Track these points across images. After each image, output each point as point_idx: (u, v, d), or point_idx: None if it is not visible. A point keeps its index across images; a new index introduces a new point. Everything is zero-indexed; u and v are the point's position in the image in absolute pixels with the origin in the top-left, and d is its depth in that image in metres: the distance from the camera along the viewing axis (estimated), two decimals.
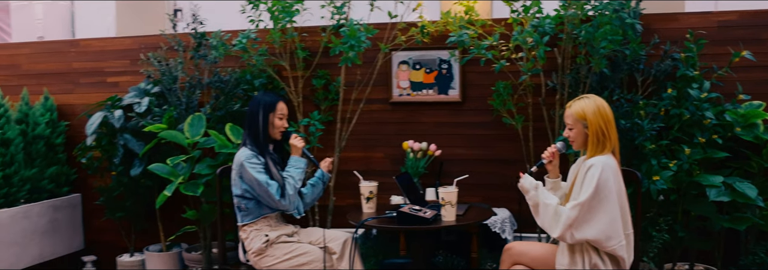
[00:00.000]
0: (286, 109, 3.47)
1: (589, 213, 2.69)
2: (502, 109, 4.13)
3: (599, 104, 2.83)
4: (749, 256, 3.77)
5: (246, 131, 3.43)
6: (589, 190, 2.68)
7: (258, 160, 3.28)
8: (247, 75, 4.34)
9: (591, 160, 2.78)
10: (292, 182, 3.34)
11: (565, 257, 2.83)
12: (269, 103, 3.40)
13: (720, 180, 3.50)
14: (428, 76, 4.35)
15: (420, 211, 3.23)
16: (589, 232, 2.69)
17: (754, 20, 3.96)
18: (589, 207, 2.68)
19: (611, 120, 2.82)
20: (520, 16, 3.91)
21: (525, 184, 2.92)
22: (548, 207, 2.80)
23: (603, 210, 2.69)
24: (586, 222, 2.69)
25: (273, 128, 3.40)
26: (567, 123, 2.92)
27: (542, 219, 2.84)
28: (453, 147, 4.33)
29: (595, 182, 2.68)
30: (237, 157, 3.33)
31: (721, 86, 3.82)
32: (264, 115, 3.37)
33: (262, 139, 3.36)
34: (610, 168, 2.73)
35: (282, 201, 3.29)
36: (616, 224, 2.71)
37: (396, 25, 4.22)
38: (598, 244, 2.71)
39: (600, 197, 2.68)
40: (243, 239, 3.41)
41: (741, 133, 3.63)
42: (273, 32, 4.17)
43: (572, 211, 2.70)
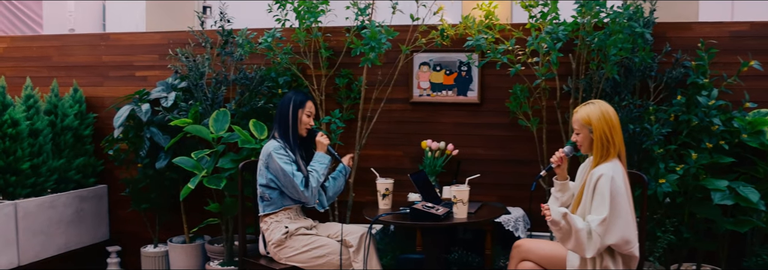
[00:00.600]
0: (314, 107, 3.84)
1: (611, 223, 2.92)
2: (518, 112, 4.45)
3: (604, 110, 3.08)
4: (753, 258, 4.06)
5: (275, 125, 3.79)
6: (605, 202, 2.91)
7: (285, 152, 3.63)
8: (272, 73, 4.67)
9: (598, 169, 3.02)
10: (315, 176, 3.67)
11: (576, 258, 3.08)
12: (299, 100, 3.78)
13: (725, 184, 3.80)
14: (448, 78, 4.67)
15: (432, 208, 3.55)
16: (611, 239, 2.92)
17: (765, 31, 4.25)
18: (610, 218, 2.91)
19: (616, 125, 3.08)
20: (537, 22, 4.22)
21: (555, 217, 2.98)
22: (581, 231, 2.94)
23: (619, 216, 2.93)
24: (608, 232, 2.93)
25: (301, 124, 3.76)
26: (574, 128, 3.20)
27: (575, 244, 2.97)
28: (470, 147, 4.65)
29: (608, 195, 2.91)
30: (265, 147, 3.67)
31: (729, 94, 4.13)
32: (294, 111, 3.73)
33: (291, 135, 3.71)
34: (619, 176, 2.98)
35: (305, 192, 3.62)
36: (632, 227, 2.96)
37: (417, 27, 4.54)
38: (618, 248, 2.95)
39: (615, 207, 2.93)
40: (263, 231, 3.74)
41: (747, 139, 3.92)
42: (298, 31, 4.51)
43: (600, 227, 2.91)
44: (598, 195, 2.96)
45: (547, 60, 4.06)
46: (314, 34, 4.57)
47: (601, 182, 2.95)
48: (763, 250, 4.08)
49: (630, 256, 3.01)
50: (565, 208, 3.02)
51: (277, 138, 3.73)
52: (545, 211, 3.00)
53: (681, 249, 4.17)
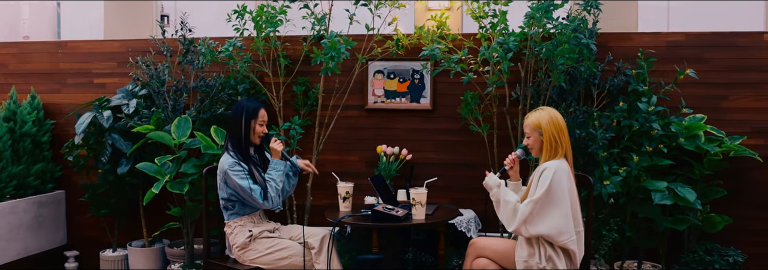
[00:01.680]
0: (266, 115, 3.81)
1: (543, 210, 3.12)
2: (469, 118, 4.55)
3: (552, 115, 3.27)
4: (690, 254, 4.24)
5: (228, 135, 3.77)
6: (542, 189, 3.12)
7: (241, 166, 3.61)
8: (231, 80, 4.69)
9: (545, 163, 3.22)
10: (273, 184, 3.69)
11: (523, 250, 3.25)
12: (252, 109, 3.73)
13: (664, 185, 3.96)
14: (402, 85, 4.76)
15: (392, 210, 3.63)
16: (542, 228, 3.12)
17: (699, 41, 4.45)
18: (542, 204, 3.11)
19: (563, 129, 3.26)
20: (487, 32, 4.34)
21: (489, 182, 3.37)
22: (508, 204, 3.24)
23: (556, 207, 3.12)
24: (540, 218, 3.12)
25: (253, 134, 3.74)
26: (525, 132, 3.36)
27: (502, 214, 3.27)
28: (423, 151, 4.74)
29: (548, 182, 3.11)
30: (220, 164, 3.66)
31: (667, 100, 4.32)
32: (246, 121, 3.71)
33: (244, 144, 3.70)
34: (562, 171, 3.17)
35: (265, 203, 3.64)
36: (568, 221, 3.14)
37: (373, 36, 4.62)
38: (551, 239, 3.14)
39: (553, 196, 3.11)
40: (228, 234, 3.77)
41: (684, 143, 4.10)
42: (257, 41, 4.54)
43: (526, 207, 3.14)
44: (539, 184, 3.16)
45: (498, 69, 4.17)
46: (272, 43, 4.61)
47: (544, 173, 3.16)
48: (699, 246, 4.27)
49: (566, 249, 3.16)
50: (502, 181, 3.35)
51: (230, 150, 3.70)
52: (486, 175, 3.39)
53: (624, 247, 4.34)
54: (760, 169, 4.37)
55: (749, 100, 4.42)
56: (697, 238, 4.32)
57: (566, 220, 3.13)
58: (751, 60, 4.42)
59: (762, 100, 4.42)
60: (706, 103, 4.42)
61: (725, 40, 4.45)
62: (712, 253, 4.20)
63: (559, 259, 3.19)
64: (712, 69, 4.44)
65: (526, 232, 3.16)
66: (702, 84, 4.39)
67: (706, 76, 4.40)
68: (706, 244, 4.28)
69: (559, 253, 3.20)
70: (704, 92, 4.43)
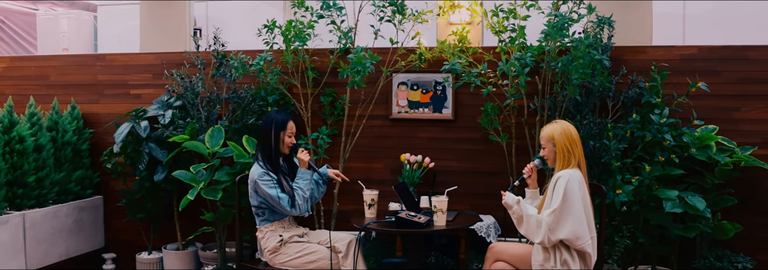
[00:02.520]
0: (294, 127, 4.08)
1: (561, 217, 3.37)
2: (489, 128, 4.81)
3: (565, 127, 3.54)
4: (701, 260, 4.48)
5: (258, 146, 4.04)
6: (558, 198, 3.37)
7: (269, 176, 3.89)
8: (262, 92, 4.99)
9: (559, 172, 3.48)
10: (300, 193, 3.96)
11: (539, 255, 3.51)
12: (281, 121, 4.00)
13: (675, 194, 4.20)
14: (424, 96, 5.03)
15: (415, 217, 3.90)
16: (562, 233, 3.37)
17: (711, 54, 4.68)
18: (560, 212, 3.36)
19: (576, 140, 3.52)
20: (506, 46, 4.60)
21: (508, 200, 3.58)
22: (531, 218, 3.48)
23: (571, 214, 3.37)
24: (559, 225, 3.37)
25: (283, 145, 4.02)
26: (541, 143, 3.62)
27: (526, 228, 3.50)
28: (445, 160, 5.01)
29: (563, 191, 3.37)
30: (251, 174, 3.95)
31: (679, 112, 4.55)
32: (275, 133, 3.98)
33: (274, 155, 3.98)
34: (575, 179, 3.42)
35: (293, 210, 3.92)
36: (583, 225, 3.39)
37: (397, 50, 4.90)
38: (569, 243, 3.39)
39: (568, 203, 3.37)
40: (259, 239, 4.06)
41: (696, 153, 4.33)
42: (286, 54, 4.84)
43: (549, 217, 3.39)
44: (555, 192, 3.41)
45: (516, 82, 4.43)
46: (300, 56, 4.90)
47: (559, 182, 3.41)
48: (710, 253, 4.49)
49: (583, 251, 3.42)
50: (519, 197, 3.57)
51: (260, 160, 3.97)
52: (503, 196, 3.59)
53: (636, 252, 4.58)
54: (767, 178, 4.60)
55: (760, 111, 4.64)
56: (708, 244, 4.55)
57: (582, 225, 3.38)
58: (762, 73, 4.64)
59: None
60: (718, 114, 4.65)
61: (737, 54, 4.67)
62: (722, 259, 4.43)
63: (573, 263, 3.44)
64: (724, 81, 4.66)
65: (549, 241, 3.40)
66: (714, 96, 4.62)
67: (718, 88, 4.63)
68: (717, 251, 4.51)
69: (574, 256, 3.45)
70: (716, 104, 4.66)
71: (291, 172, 4.12)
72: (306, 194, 3.94)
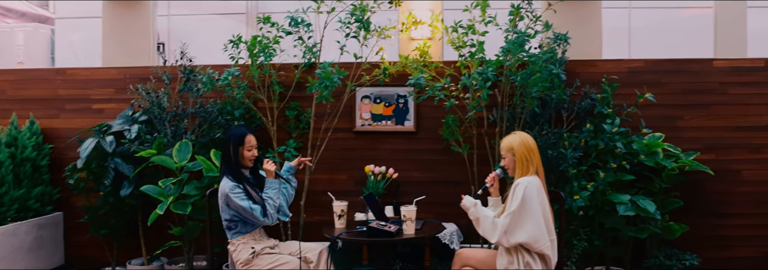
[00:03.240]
0: (254, 140, 4.21)
1: (520, 221, 3.64)
2: (450, 139, 5.11)
3: (523, 138, 3.83)
4: (652, 259, 4.86)
5: (223, 163, 4.19)
6: (516, 202, 3.65)
7: (239, 189, 4.06)
8: (228, 106, 5.16)
9: (518, 180, 3.76)
10: (271, 202, 4.14)
11: (503, 258, 3.79)
12: (238, 136, 4.15)
13: (627, 198, 4.57)
14: (387, 109, 5.30)
15: (386, 226, 4.15)
16: (521, 236, 3.65)
17: (656, 67, 5.09)
18: (519, 216, 3.64)
19: (533, 150, 3.81)
20: (467, 60, 4.90)
21: (466, 203, 3.88)
22: (487, 218, 3.77)
23: (530, 218, 3.65)
24: (518, 228, 3.65)
25: (243, 159, 4.18)
26: (501, 154, 3.91)
27: (483, 229, 3.79)
28: (408, 170, 5.28)
29: (521, 196, 3.64)
30: (221, 188, 4.09)
31: (629, 121, 4.94)
32: (234, 148, 4.13)
33: (235, 168, 4.14)
34: (532, 185, 3.71)
35: (266, 220, 4.09)
36: (542, 229, 3.68)
37: (361, 64, 5.15)
38: (529, 246, 3.68)
39: (527, 208, 3.64)
40: (231, 252, 4.21)
41: (645, 159, 4.71)
42: (252, 69, 5.04)
43: (505, 219, 3.67)
44: (514, 198, 3.69)
45: (478, 95, 4.73)
46: (266, 70, 5.11)
47: (517, 188, 3.69)
48: (659, 252, 4.88)
49: (542, 254, 3.71)
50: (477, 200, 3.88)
51: (227, 174, 4.12)
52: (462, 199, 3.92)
53: (593, 254, 4.93)
54: (712, 181, 5.03)
55: (701, 119, 5.08)
56: (657, 244, 4.93)
57: (540, 229, 3.67)
58: (702, 84, 5.09)
59: (713, 119, 5.09)
60: (664, 122, 5.06)
61: (680, 66, 5.10)
62: (671, 257, 4.82)
63: (535, 264, 3.73)
64: (669, 92, 5.09)
65: (508, 242, 3.69)
66: (660, 106, 5.03)
67: (664, 98, 5.04)
68: (665, 250, 4.90)
69: (535, 258, 3.74)
70: (662, 113, 5.07)
71: (258, 183, 4.29)
72: (276, 203, 4.10)
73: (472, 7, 4.86)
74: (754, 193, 5.11)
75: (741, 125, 5.11)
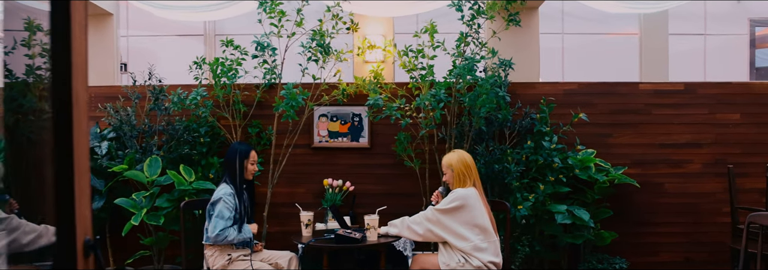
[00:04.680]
0: (256, 156, 4.75)
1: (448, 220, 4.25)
2: (403, 154, 5.67)
3: (461, 156, 4.42)
4: (585, 263, 5.51)
5: (225, 171, 4.66)
6: (446, 204, 4.26)
7: (233, 199, 4.53)
8: (194, 124, 5.61)
9: (455, 190, 4.36)
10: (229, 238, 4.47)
11: (443, 256, 4.35)
12: (244, 151, 4.66)
13: (564, 208, 5.20)
14: (343, 127, 5.83)
15: (351, 234, 4.66)
16: (447, 235, 4.26)
17: (588, 89, 5.78)
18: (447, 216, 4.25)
19: (470, 165, 4.39)
20: (417, 82, 5.49)
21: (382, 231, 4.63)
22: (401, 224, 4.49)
23: (457, 221, 4.25)
24: (445, 227, 4.27)
25: (247, 172, 4.69)
26: (443, 170, 4.49)
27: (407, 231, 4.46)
28: (364, 183, 5.82)
29: (450, 200, 4.25)
30: (220, 190, 4.53)
31: (565, 138, 5.59)
32: (240, 161, 4.65)
33: (238, 180, 4.66)
34: (470, 195, 4.28)
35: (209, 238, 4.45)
36: (469, 233, 4.25)
37: (319, 85, 5.68)
38: (452, 244, 4.26)
39: (455, 212, 4.24)
40: (207, 257, 4.65)
41: (579, 173, 5.37)
42: (217, 89, 5.51)
43: (429, 211, 4.32)
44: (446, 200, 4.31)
45: (431, 115, 5.32)
46: (229, 90, 5.59)
47: (451, 195, 4.32)
48: (592, 257, 5.53)
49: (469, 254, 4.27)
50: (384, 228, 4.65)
51: (228, 182, 4.65)
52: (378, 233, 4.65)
53: (534, 259, 5.55)
54: (638, 193, 5.72)
55: (629, 137, 5.78)
56: (590, 250, 5.59)
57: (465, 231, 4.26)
58: (630, 104, 5.79)
59: (639, 137, 5.79)
60: (596, 140, 5.75)
61: (609, 89, 5.80)
62: (602, 262, 5.47)
63: (469, 262, 4.29)
64: (600, 112, 5.77)
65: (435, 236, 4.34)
66: (592, 124, 5.70)
67: (595, 118, 5.72)
68: (597, 255, 5.55)
69: (469, 257, 4.30)
70: (594, 131, 5.75)
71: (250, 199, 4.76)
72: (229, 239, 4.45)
73: (421, 33, 5.46)
74: (675, 204, 5.82)
75: (664, 143, 5.82)
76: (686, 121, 5.83)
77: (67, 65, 1.68)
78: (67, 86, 1.68)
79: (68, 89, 1.68)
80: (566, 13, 6.86)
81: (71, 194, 1.64)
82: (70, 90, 1.68)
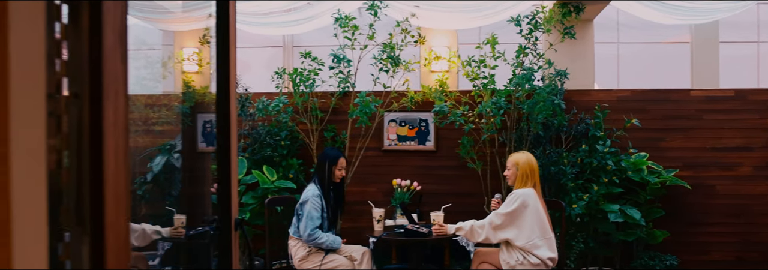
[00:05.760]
0: (344, 162, 5.22)
1: (510, 222, 4.59)
2: (466, 157, 6.14)
3: (528, 157, 4.79)
4: (638, 260, 5.88)
5: (316, 173, 5.17)
6: (510, 207, 4.58)
7: (320, 200, 5.03)
8: (275, 129, 6.19)
9: (516, 191, 4.70)
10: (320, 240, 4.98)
11: (504, 254, 4.73)
12: (333, 157, 5.15)
13: (617, 207, 5.58)
14: (411, 131, 6.34)
15: (420, 229, 5.16)
16: (509, 234, 4.60)
17: (641, 96, 6.15)
18: (510, 217, 4.58)
19: (535, 168, 4.75)
20: (480, 90, 5.96)
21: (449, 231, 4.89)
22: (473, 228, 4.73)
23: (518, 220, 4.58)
24: (506, 227, 4.60)
25: (334, 176, 5.18)
26: (507, 165, 4.89)
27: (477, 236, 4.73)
28: (429, 183, 6.31)
29: (515, 204, 4.58)
30: (308, 191, 5.05)
31: (618, 142, 5.98)
32: (329, 166, 5.14)
33: (326, 183, 5.15)
34: (528, 196, 4.63)
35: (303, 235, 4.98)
36: (529, 231, 4.60)
37: (389, 93, 6.20)
38: (513, 242, 4.60)
39: (517, 213, 4.58)
40: (291, 247, 5.19)
41: (632, 175, 5.74)
42: (296, 97, 6.08)
43: (493, 216, 4.63)
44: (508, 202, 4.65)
45: (492, 121, 5.78)
46: (306, 98, 6.15)
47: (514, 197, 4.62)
48: (644, 254, 5.90)
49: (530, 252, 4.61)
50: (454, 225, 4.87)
51: (317, 183, 5.13)
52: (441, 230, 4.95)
53: (588, 255, 5.95)
54: (690, 194, 6.07)
55: (681, 141, 6.14)
56: (643, 248, 5.96)
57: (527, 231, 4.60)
58: (681, 110, 6.15)
59: (690, 141, 6.14)
60: (648, 143, 6.11)
61: (661, 96, 6.16)
62: (653, 259, 5.84)
63: (527, 259, 4.70)
64: (652, 117, 6.14)
65: (495, 238, 4.66)
66: (644, 129, 6.08)
67: (648, 123, 6.09)
68: (650, 253, 5.92)
69: (527, 254, 4.71)
70: (646, 135, 6.12)
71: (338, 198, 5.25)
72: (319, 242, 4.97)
73: (483, 44, 5.93)
74: (727, 205, 6.14)
75: (715, 146, 6.15)
76: (737, 125, 6.15)
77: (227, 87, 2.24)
78: (227, 102, 2.24)
79: (228, 103, 2.23)
80: (621, 23, 7.23)
81: (229, 186, 2.20)
82: (229, 104, 2.23)
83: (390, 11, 6.13)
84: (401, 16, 6.08)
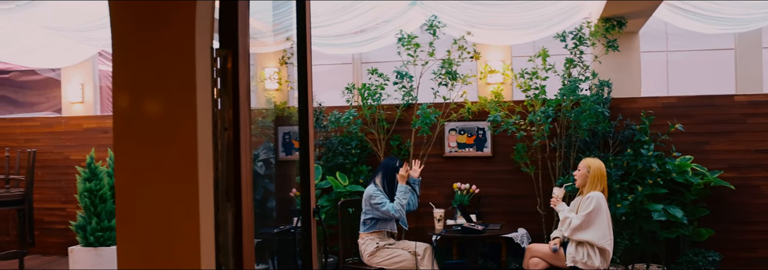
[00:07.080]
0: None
1: (588, 223, 5.04)
2: (520, 162, 6.65)
3: (600, 164, 5.24)
4: (683, 257, 6.27)
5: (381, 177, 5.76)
6: (589, 208, 5.04)
7: (382, 193, 5.66)
8: (346, 138, 6.84)
9: (590, 193, 5.15)
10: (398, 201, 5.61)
11: (572, 249, 5.15)
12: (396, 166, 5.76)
13: (660, 207, 5.98)
14: (469, 139, 6.89)
15: (476, 227, 5.71)
16: (588, 235, 5.05)
17: (686, 102, 6.55)
18: (588, 219, 5.04)
19: (604, 174, 5.21)
20: (532, 100, 6.47)
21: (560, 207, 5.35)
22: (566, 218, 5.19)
23: (597, 222, 5.05)
24: (586, 228, 5.05)
25: (395, 182, 5.78)
26: (579, 167, 5.32)
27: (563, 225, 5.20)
28: (487, 187, 6.83)
29: (594, 205, 5.04)
30: (369, 191, 5.66)
31: (662, 146, 6.38)
32: (392, 173, 5.77)
33: (388, 186, 5.77)
34: (600, 198, 5.11)
35: (395, 214, 5.61)
36: (603, 231, 5.07)
37: (448, 104, 6.77)
38: (593, 242, 5.05)
39: (595, 214, 5.04)
40: (360, 244, 5.78)
41: (676, 177, 6.14)
42: (365, 110, 6.72)
43: (578, 219, 5.07)
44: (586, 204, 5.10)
45: (542, 128, 6.30)
46: (374, 110, 6.78)
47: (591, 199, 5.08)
48: (690, 251, 6.28)
49: (603, 249, 5.10)
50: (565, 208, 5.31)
51: (377, 184, 5.76)
52: (556, 202, 5.39)
53: (634, 251, 6.38)
54: (734, 194, 6.41)
55: (724, 144, 6.49)
56: (689, 245, 6.34)
57: (602, 230, 5.06)
58: (724, 115, 6.51)
59: (734, 144, 6.49)
60: (693, 147, 6.48)
61: (705, 101, 6.54)
62: (698, 255, 6.21)
63: (595, 257, 5.15)
64: (697, 122, 6.51)
65: (575, 236, 5.10)
66: (688, 134, 6.45)
67: (692, 127, 6.46)
68: (695, 250, 6.29)
69: (596, 252, 5.13)
70: (691, 139, 6.49)
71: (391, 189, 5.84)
72: (403, 202, 5.63)
73: (535, 57, 6.44)
74: None
75: (759, 148, 6.47)
76: None
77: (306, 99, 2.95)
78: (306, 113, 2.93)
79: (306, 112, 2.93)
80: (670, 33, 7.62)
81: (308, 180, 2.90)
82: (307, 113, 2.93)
83: (448, 30, 6.70)
84: (458, 34, 6.65)
